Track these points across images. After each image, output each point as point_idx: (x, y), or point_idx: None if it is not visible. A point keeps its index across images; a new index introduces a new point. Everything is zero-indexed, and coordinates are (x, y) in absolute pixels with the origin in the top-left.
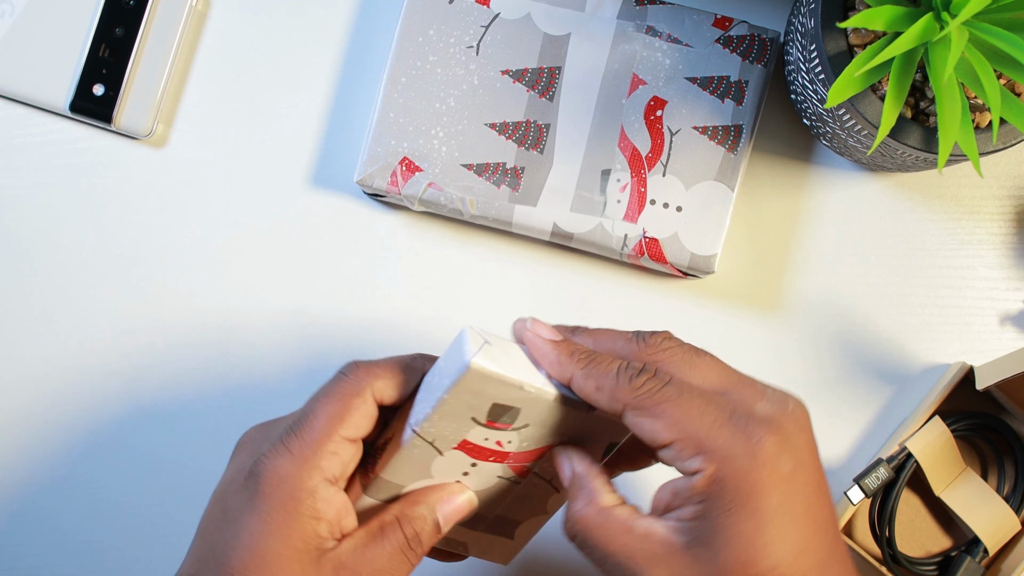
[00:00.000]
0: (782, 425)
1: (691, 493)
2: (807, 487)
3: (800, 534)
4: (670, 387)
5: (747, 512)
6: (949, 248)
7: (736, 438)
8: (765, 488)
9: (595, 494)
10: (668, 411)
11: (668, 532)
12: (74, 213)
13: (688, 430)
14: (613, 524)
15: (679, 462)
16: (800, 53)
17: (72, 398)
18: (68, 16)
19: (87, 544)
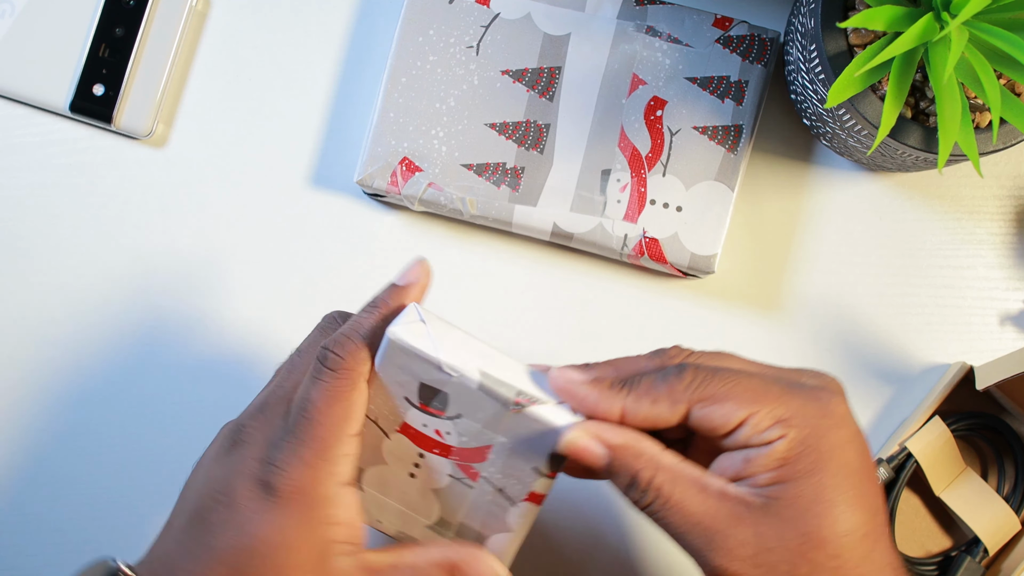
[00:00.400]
0: (834, 392)
1: (770, 459)
2: (868, 450)
3: (874, 489)
4: (723, 372)
5: (832, 469)
6: (949, 248)
7: (809, 402)
8: (845, 445)
9: (656, 457)
10: (734, 392)
11: (746, 493)
12: (74, 213)
13: (761, 402)
14: (687, 484)
15: (756, 436)
16: (800, 53)
17: (72, 398)
18: (68, 16)
19: (87, 544)
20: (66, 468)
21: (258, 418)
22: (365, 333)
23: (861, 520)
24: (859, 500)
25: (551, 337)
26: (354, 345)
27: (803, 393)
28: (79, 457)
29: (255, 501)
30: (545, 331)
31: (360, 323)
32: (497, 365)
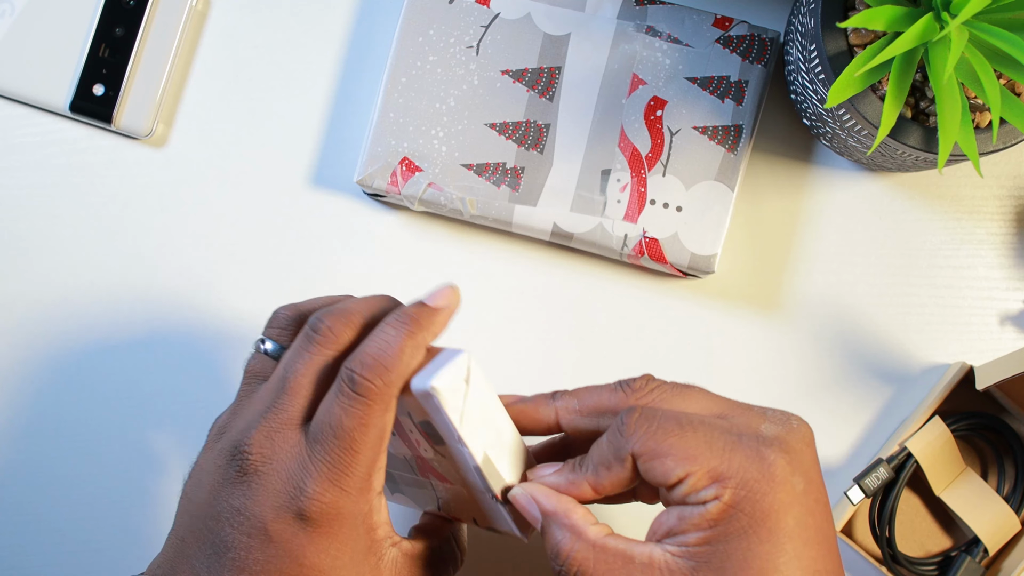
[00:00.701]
0: (790, 444)
1: (702, 519)
2: (818, 505)
3: (814, 554)
4: (668, 424)
5: (763, 534)
6: (949, 248)
7: (750, 461)
8: (782, 509)
9: (581, 528)
10: (675, 447)
11: (672, 559)
12: (74, 213)
13: (699, 460)
14: (610, 557)
15: (693, 494)
16: (800, 53)
17: (72, 397)
18: (68, 16)
19: (86, 544)
20: (66, 468)
21: (265, 444)
22: (397, 358)
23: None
24: (792, 565)
25: (551, 337)
26: (388, 373)
27: (747, 451)
28: (79, 457)
29: (294, 533)
30: (545, 331)
31: (390, 345)
32: (503, 451)
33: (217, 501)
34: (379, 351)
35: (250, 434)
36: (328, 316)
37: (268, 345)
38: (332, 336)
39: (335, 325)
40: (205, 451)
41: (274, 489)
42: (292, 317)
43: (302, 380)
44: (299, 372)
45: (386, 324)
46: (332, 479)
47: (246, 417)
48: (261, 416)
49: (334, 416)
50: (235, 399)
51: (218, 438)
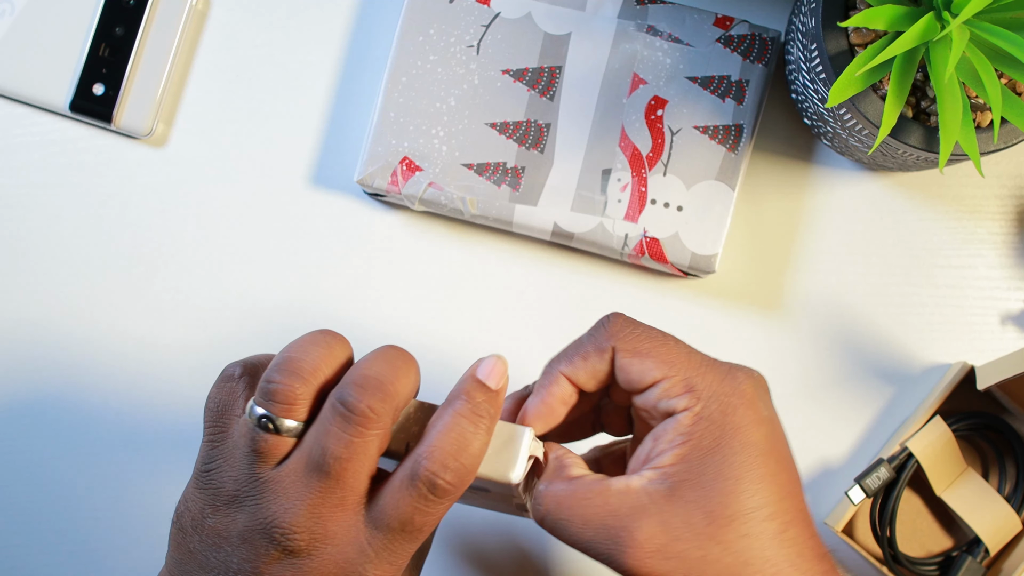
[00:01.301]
0: (757, 379)
1: (676, 433)
2: (781, 432)
3: (784, 475)
4: (651, 331)
5: (735, 446)
6: (950, 247)
7: (723, 379)
8: (751, 425)
9: (562, 468)
10: (656, 351)
11: (648, 483)
12: (74, 213)
13: (677, 368)
14: (585, 490)
15: (666, 399)
16: (801, 52)
17: (72, 397)
18: (68, 15)
19: (87, 544)
20: (65, 468)
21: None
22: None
23: (767, 499)
24: (766, 479)
25: (551, 337)
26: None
27: (721, 369)
28: (78, 457)
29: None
30: (545, 331)
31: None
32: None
33: (215, 538)
34: (457, 449)
35: (294, 516)
36: (362, 392)
37: (288, 424)
38: (374, 417)
39: (375, 404)
40: (215, 512)
41: (330, 571)
42: (303, 393)
43: (347, 466)
44: (344, 458)
45: (458, 415)
46: (391, 564)
47: (279, 498)
48: (303, 499)
49: (404, 513)
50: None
51: (233, 506)
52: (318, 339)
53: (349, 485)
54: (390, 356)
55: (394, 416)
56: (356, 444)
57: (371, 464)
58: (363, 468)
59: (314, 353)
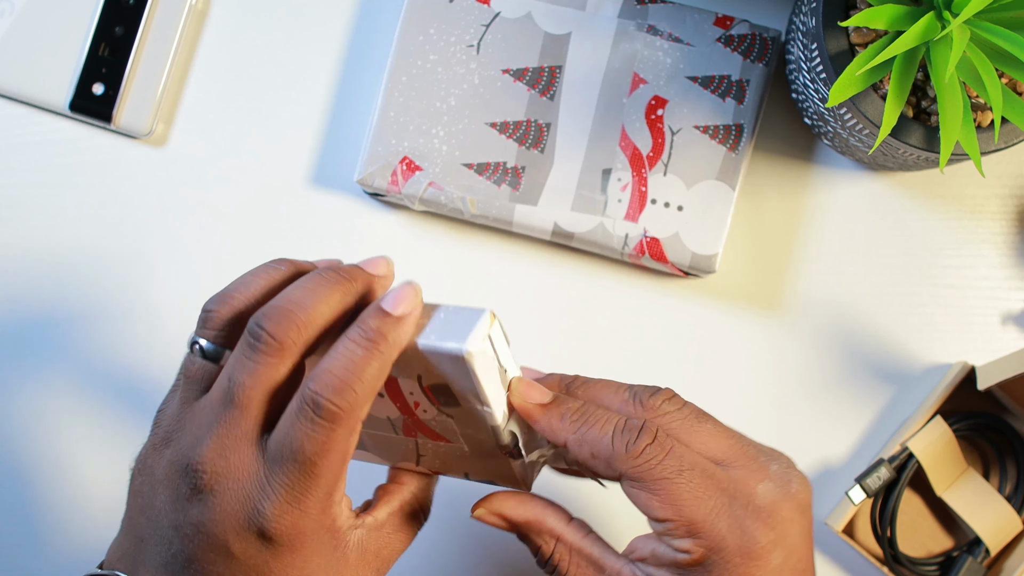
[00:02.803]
0: (780, 514)
1: (673, 565)
2: (793, 572)
3: None
4: (670, 459)
5: None
6: (951, 247)
7: (732, 531)
8: None
9: (558, 531)
10: (667, 488)
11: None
12: (74, 212)
13: (684, 512)
14: (584, 561)
15: (669, 539)
16: (801, 52)
17: (72, 397)
18: (68, 15)
19: (87, 544)
20: (66, 468)
21: (218, 463)
22: (364, 380)
23: None
24: None
25: (551, 337)
26: (355, 396)
27: (733, 517)
28: (78, 457)
29: (258, 551)
30: (545, 331)
31: (356, 366)
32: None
33: (175, 513)
34: (345, 372)
35: (200, 450)
36: (270, 321)
37: (203, 343)
38: (277, 345)
39: (279, 332)
40: (153, 452)
41: (232, 509)
42: (227, 317)
43: (252, 394)
44: (248, 386)
45: (349, 340)
46: (292, 502)
47: (193, 430)
48: (210, 431)
49: (295, 440)
50: (176, 398)
51: (165, 443)
52: (260, 269)
53: (252, 415)
54: (313, 282)
55: (306, 342)
56: (259, 371)
57: (274, 393)
58: (265, 396)
59: (252, 283)
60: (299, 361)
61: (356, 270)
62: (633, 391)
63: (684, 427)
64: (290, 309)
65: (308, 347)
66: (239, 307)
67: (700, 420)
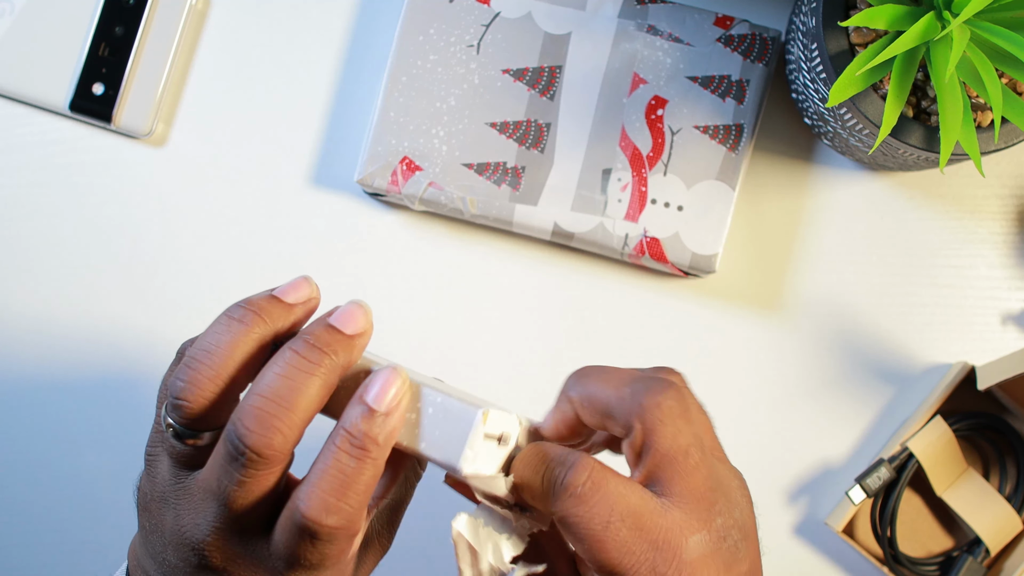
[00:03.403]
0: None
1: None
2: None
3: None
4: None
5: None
6: (951, 247)
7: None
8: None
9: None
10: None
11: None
12: (74, 212)
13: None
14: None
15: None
16: (801, 52)
17: (72, 397)
18: (68, 15)
19: (87, 544)
20: (66, 468)
21: (225, 548)
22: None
23: None
24: None
25: (552, 337)
26: (351, 510)
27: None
28: (78, 457)
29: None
30: (545, 331)
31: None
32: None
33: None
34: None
35: (205, 536)
36: (250, 435)
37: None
38: (263, 461)
39: (260, 446)
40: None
41: None
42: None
43: (243, 502)
44: (238, 496)
45: (337, 448)
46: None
47: (192, 513)
48: (212, 523)
49: (300, 555)
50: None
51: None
52: (223, 331)
53: (247, 516)
54: (291, 369)
55: (294, 441)
56: (247, 484)
57: (270, 493)
58: (260, 501)
59: (218, 353)
60: (291, 459)
61: (335, 340)
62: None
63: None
64: (270, 414)
65: (297, 442)
66: (212, 393)
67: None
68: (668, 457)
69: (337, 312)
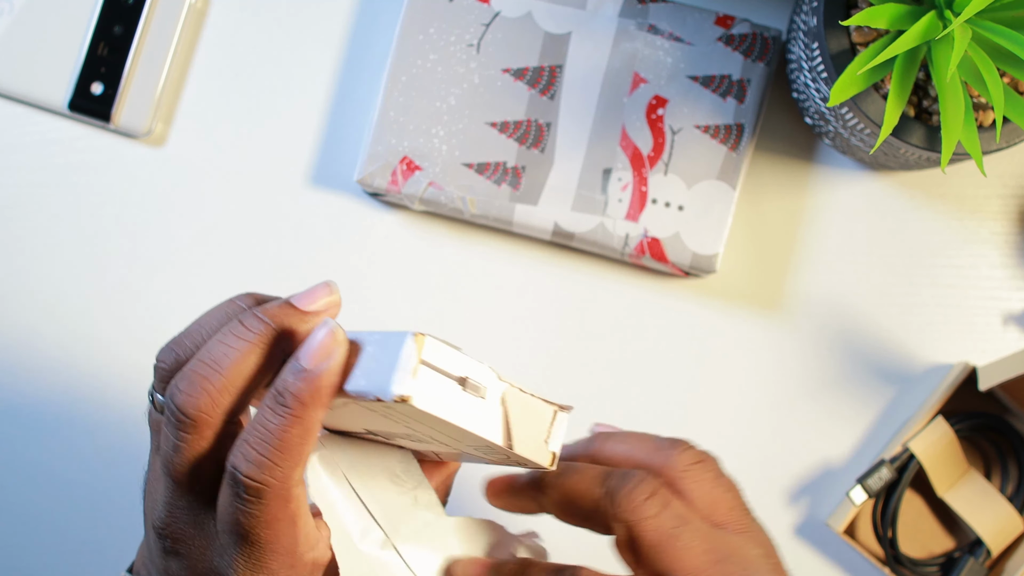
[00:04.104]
0: None
1: None
2: None
3: None
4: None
5: None
6: (952, 247)
7: None
8: None
9: None
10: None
11: None
12: (73, 212)
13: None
14: None
15: None
16: (802, 51)
17: (71, 398)
18: (67, 14)
19: (87, 544)
20: (66, 468)
21: (176, 528)
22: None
23: None
24: None
25: (552, 337)
26: (278, 468)
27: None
28: (79, 457)
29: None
30: (546, 331)
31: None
32: None
33: (160, 560)
34: (261, 444)
35: (160, 516)
36: (181, 394)
37: (157, 396)
38: (191, 422)
39: (188, 406)
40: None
41: (202, 569)
42: (171, 369)
43: (181, 469)
44: (176, 463)
45: (265, 407)
46: (254, 570)
47: (153, 493)
48: (163, 499)
49: (231, 517)
50: (151, 450)
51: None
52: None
53: (190, 487)
54: (229, 335)
55: (225, 407)
56: (181, 448)
57: (208, 460)
58: (197, 467)
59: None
60: (225, 425)
61: (280, 310)
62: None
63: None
64: (202, 375)
65: (232, 410)
66: (185, 358)
67: (662, 502)
68: (657, 547)
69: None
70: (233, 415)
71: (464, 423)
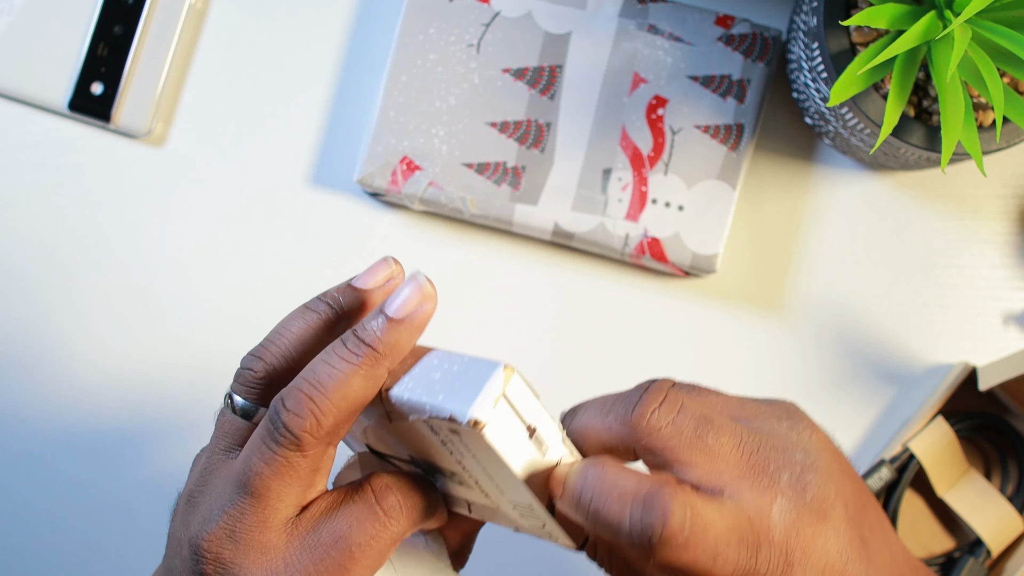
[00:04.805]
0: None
1: None
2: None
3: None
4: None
5: None
6: (952, 247)
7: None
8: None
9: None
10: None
11: None
12: (73, 212)
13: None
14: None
15: None
16: (802, 51)
17: (71, 398)
18: (67, 14)
19: (87, 544)
20: (66, 468)
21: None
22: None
23: None
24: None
25: (552, 337)
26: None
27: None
28: (79, 457)
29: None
30: (546, 331)
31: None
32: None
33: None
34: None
35: (208, 531)
36: (287, 413)
37: (236, 399)
38: (296, 441)
39: (296, 425)
40: (185, 505)
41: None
42: (261, 377)
43: (269, 484)
44: (265, 475)
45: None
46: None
47: (208, 501)
48: (221, 512)
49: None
50: (209, 447)
51: (190, 500)
52: (296, 316)
53: (269, 504)
54: (339, 358)
55: (328, 429)
56: (278, 463)
57: (302, 485)
58: (290, 489)
59: (285, 334)
60: (325, 454)
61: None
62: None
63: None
64: (308, 396)
65: (337, 431)
66: (272, 365)
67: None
68: (688, 459)
69: (390, 296)
70: (334, 438)
71: (521, 471)
